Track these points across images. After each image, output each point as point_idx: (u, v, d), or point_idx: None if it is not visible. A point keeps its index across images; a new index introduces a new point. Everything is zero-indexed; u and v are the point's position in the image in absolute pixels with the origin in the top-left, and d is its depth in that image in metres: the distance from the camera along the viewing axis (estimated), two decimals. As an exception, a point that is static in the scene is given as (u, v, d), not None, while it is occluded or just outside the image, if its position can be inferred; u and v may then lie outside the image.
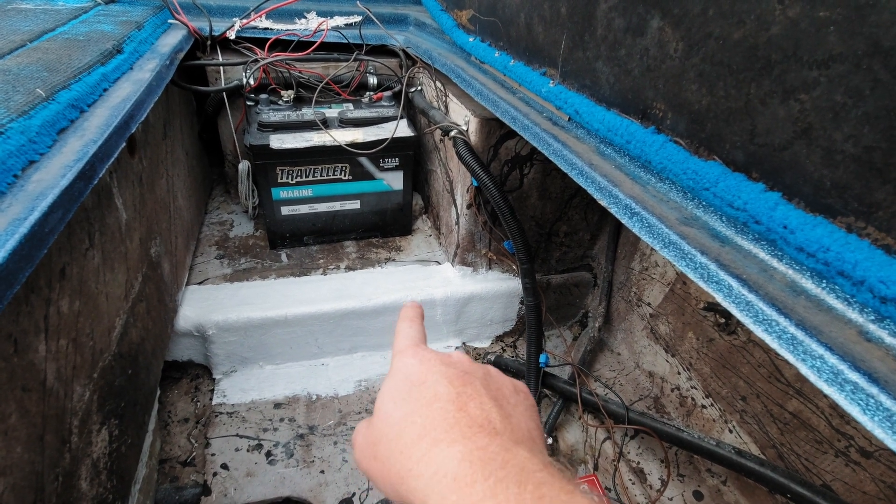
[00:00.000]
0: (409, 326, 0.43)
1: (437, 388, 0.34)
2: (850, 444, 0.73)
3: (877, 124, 0.33)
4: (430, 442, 0.31)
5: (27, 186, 0.46)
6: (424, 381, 0.35)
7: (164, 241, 0.95)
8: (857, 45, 0.34)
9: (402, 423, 0.33)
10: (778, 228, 0.40)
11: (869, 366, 0.31)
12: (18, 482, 0.46)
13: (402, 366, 0.38)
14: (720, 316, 0.94)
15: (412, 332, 0.42)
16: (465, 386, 0.34)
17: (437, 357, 0.38)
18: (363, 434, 0.37)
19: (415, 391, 0.35)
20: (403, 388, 0.35)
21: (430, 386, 0.35)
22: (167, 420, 1.00)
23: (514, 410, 0.34)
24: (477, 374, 0.36)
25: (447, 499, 0.28)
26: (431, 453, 0.30)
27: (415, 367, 0.37)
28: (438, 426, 0.32)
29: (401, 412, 0.34)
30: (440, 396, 0.34)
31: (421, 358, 0.38)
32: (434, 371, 0.36)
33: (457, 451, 0.29)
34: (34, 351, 0.49)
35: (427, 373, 0.36)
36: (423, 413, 0.33)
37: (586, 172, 0.57)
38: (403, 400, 0.35)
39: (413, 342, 0.41)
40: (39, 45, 0.75)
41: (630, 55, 0.57)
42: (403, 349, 0.40)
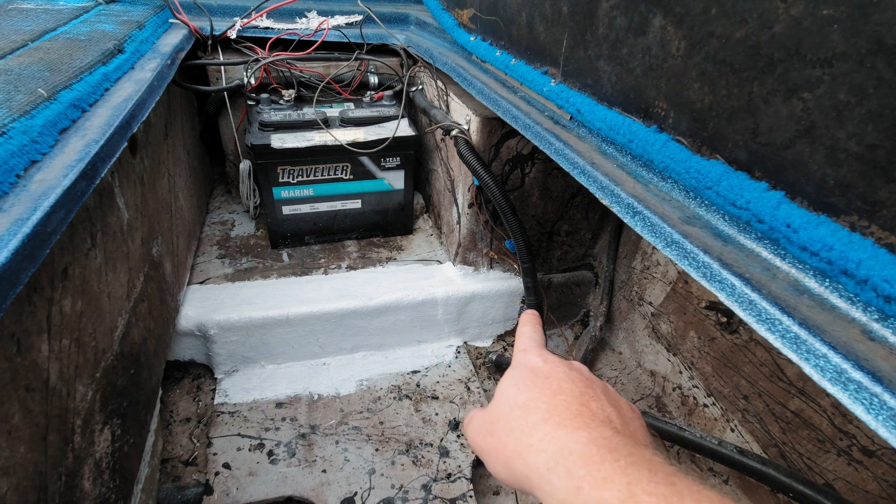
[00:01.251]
0: (532, 329, 0.46)
1: (561, 384, 0.36)
2: (853, 443, 0.73)
3: (880, 122, 0.33)
4: (553, 425, 0.33)
5: (30, 186, 0.46)
6: (549, 376, 0.38)
7: (166, 240, 0.95)
8: (860, 43, 0.34)
9: (525, 407, 0.35)
10: (781, 227, 0.40)
11: (873, 365, 0.30)
12: (22, 482, 0.46)
13: (526, 361, 0.41)
14: (722, 315, 0.94)
15: (535, 335, 0.45)
16: (587, 388, 0.36)
17: (562, 360, 0.40)
18: (479, 415, 0.39)
19: (539, 381, 0.37)
20: (528, 378, 0.38)
21: (555, 381, 0.37)
22: (169, 420, 1.00)
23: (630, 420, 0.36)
24: (597, 382, 0.38)
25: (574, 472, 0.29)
26: (556, 433, 0.32)
27: (540, 364, 0.39)
28: (563, 413, 0.34)
29: (524, 397, 0.36)
30: (564, 390, 0.36)
31: (545, 358, 0.40)
32: (559, 370, 0.38)
33: (582, 435, 0.31)
34: (37, 351, 0.49)
35: (552, 370, 0.38)
36: (547, 401, 0.35)
37: (588, 171, 0.57)
38: (527, 387, 0.37)
39: (536, 343, 0.44)
40: (41, 45, 0.75)
41: (632, 54, 0.57)
42: (528, 348, 0.43)
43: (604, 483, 0.27)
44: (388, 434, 1.00)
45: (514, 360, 0.42)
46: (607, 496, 0.27)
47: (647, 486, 0.26)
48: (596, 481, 0.28)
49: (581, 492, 0.28)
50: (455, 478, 0.93)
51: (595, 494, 0.27)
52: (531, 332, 0.46)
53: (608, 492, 0.27)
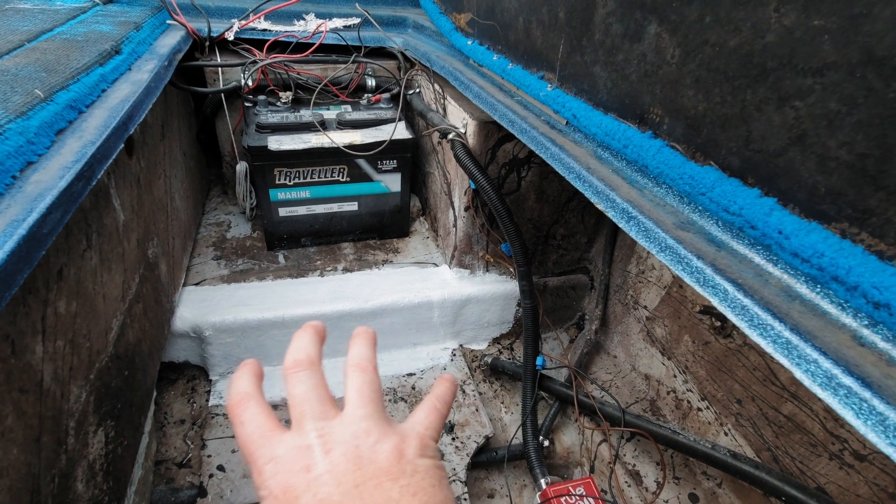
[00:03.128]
0: (250, 424, 0.36)
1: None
2: (844, 448, 0.74)
3: (870, 132, 0.34)
4: None
5: (25, 188, 0.46)
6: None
7: (162, 241, 0.94)
8: (851, 53, 0.34)
9: None
10: (773, 234, 0.41)
11: (862, 370, 0.31)
12: (15, 484, 0.45)
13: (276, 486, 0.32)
14: (716, 319, 0.95)
15: (257, 429, 0.35)
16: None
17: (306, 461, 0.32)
18: None
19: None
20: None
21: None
22: (163, 421, 1.00)
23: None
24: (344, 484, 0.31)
25: None
26: None
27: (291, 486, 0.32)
28: None
29: None
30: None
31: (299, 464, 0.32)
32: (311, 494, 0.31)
33: None
34: (31, 352, 0.49)
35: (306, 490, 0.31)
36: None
37: (583, 176, 0.57)
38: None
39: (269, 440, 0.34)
40: (37, 46, 0.75)
41: (628, 60, 0.57)
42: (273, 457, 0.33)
43: None
44: (383, 437, 1.00)
45: (278, 455, 0.33)
46: None
47: None
48: None
49: None
50: (450, 481, 0.93)
51: None
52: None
53: None
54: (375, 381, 0.38)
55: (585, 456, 1.04)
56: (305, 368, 0.38)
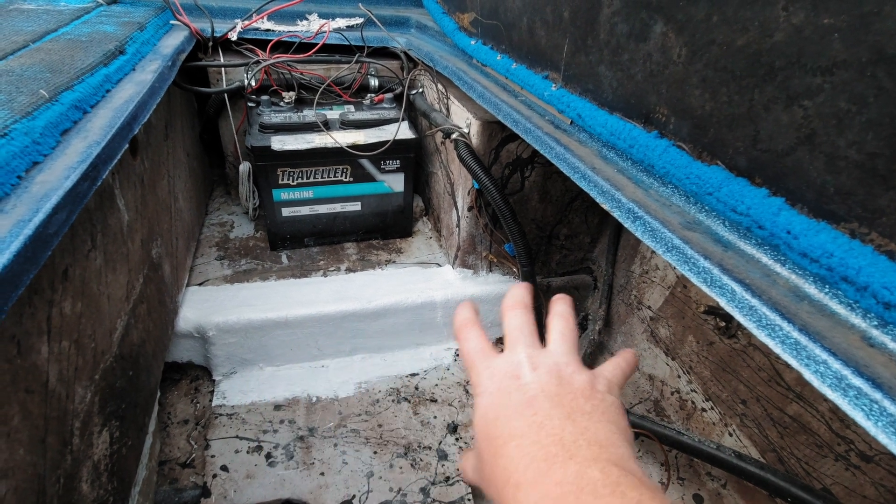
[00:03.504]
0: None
1: (548, 413, 0.34)
2: (851, 448, 0.73)
3: (880, 131, 0.34)
4: (536, 471, 0.32)
5: (31, 188, 0.46)
6: (533, 401, 0.36)
7: (165, 242, 0.94)
8: (861, 52, 0.34)
9: (507, 440, 0.34)
10: (781, 233, 0.41)
11: (872, 371, 0.31)
12: (20, 484, 0.45)
13: (510, 369, 0.39)
14: (720, 319, 0.95)
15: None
16: (573, 413, 0.35)
17: (552, 366, 0.38)
18: (471, 453, 0.39)
19: (521, 409, 0.35)
20: (509, 402, 0.37)
21: (540, 407, 0.35)
22: (167, 422, 1.00)
23: (618, 444, 0.33)
24: (587, 395, 0.36)
25: None
26: (542, 480, 0.31)
27: (526, 376, 0.38)
28: (549, 451, 0.32)
29: (504, 430, 0.35)
30: (546, 426, 0.34)
31: (535, 363, 0.39)
32: (546, 389, 0.36)
33: (570, 475, 0.30)
34: (37, 352, 0.49)
35: (538, 390, 0.36)
36: (531, 437, 0.33)
37: (589, 176, 0.57)
38: (507, 416, 0.36)
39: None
40: (42, 46, 0.75)
41: (633, 60, 0.57)
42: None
43: None
44: (386, 437, 1.00)
45: (494, 364, 0.40)
46: None
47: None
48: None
49: None
50: (454, 481, 0.93)
51: None
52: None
53: None
54: (575, 329, 0.45)
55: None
56: (521, 308, 0.45)
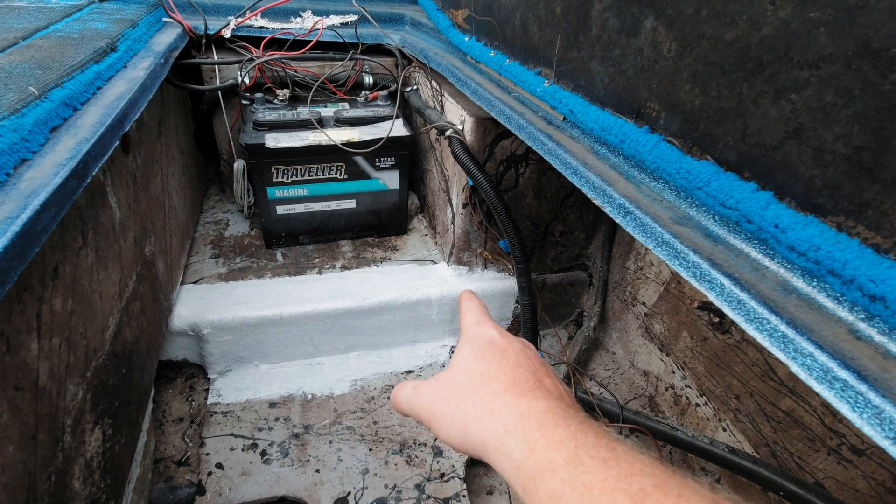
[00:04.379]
0: (479, 304, 0.50)
1: (518, 358, 0.40)
2: (842, 442, 0.74)
3: (866, 124, 0.34)
4: (514, 394, 0.36)
5: (19, 185, 0.46)
6: (506, 350, 0.41)
7: (159, 240, 0.94)
8: (847, 45, 0.34)
9: (486, 376, 0.39)
10: (769, 227, 0.41)
11: (858, 364, 0.31)
12: (10, 482, 0.45)
13: (482, 333, 0.44)
14: (714, 315, 0.95)
15: (482, 309, 0.49)
16: (541, 365, 0.41)
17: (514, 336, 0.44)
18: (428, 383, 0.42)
19: (498, 354, 0.41)
20: (487, 349, 0.42)
21: (513, 354, 0.41)
22: (162, 419, 0.99)
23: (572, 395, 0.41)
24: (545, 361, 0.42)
25: (530, 435, 0.33)
26: (517, 401, 0.36)
27: (497, 337, 0.43)
28: (522, 384, 0.37)
29: (484, 367, 0.40)
30: (522, 364, 0.39)
31: (501, 332, 0.44)
32: (515, 345, 0.42)
33: (541, 404, 0.35)
34: (27, 350, 0.49)
35: (509, 345, 0.42)
36: (507, 372, 0.39)
37: (581, 172, 0.57)
38: (486, 358, 0.41)
39: (487, 316, 0.48)
40: (32, 43, 0.75)
41: (624, 55, 0.57)
42: (481, 320, 0.46)
43: (555, 445, 0.31)
44: (381, 434, 1.00)
45: (468, 331, 0.45)
46: (556, 457, 0.30)
47: (590, 449, 0.30)
48: (548, 444, 0.31)
49: (534, 452, 0.31)
50: (448, 477, 0.94)
51: (546, 455, 0.31)
52: (479, 307, 0.49)
53: (557, 453, 0.30)
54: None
55: (584, 452, 1.04)
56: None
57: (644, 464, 0.29)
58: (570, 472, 0.29)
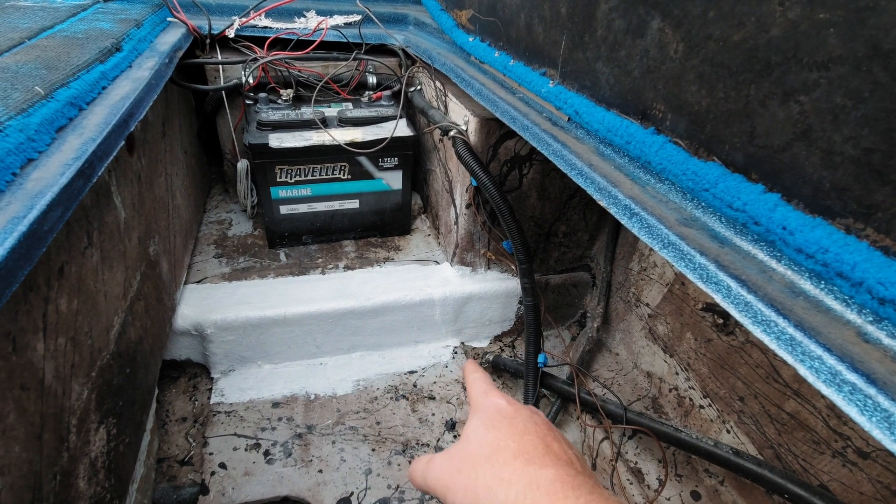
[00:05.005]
0: (483, 374, 0.51)
1: (526, 425, 0.41)
2: (848, 445, 0.73)
3: (876, 126, 0.33)
4: (523, 461, 0.36)
5: (26, 185, 0.46)
6: (514, 417, 0.42)
7: (163, 239, 0.94)
8: (857, 47, 0.34)
9: (495, 444, 0.39)
10: (777, 229, 0.41)
11: (867, 367, 0.31)
12: (16, 481, 0.45)
13: (490, 403, 0.45)
14: (718, 316, 0.95)
15: (488, 379, 0.50)
16: (549, 430, 0.41)
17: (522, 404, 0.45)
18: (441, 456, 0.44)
19: (506, 422, 0.41)
20: (495, 418, 0.42)
21: (521, 421, 0.41)
22: (165, 419, 1.00)
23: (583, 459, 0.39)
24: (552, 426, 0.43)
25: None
26: (526, 469, 0.36)
27: (504, 406, 0.44)
28: (531, 451, 0.37)
29: (493, 436, 0.40)
30: (530, 431, 0.40)
31: (509, 400, 0.45)
32: (523, 412, 0.43)
33: (550, 472, 0.35)
34: (33, 349, 0.49)
35: (516, 411, 0.43)
36: (516, 440, 0.39)
37: (586, 173, 0.57)
38: (495, 427, 0.41)
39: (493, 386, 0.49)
40: (38, 43, 0.75)
41: (630, 56, 0.57)
42: (488, 391, 0.47)
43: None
44: (384, 434, 1.00)
45: (476, 403, 0.46)
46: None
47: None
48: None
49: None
50: (451, 478, 0.93)
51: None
52: (485, 377, 0.50)
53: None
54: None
55: (587, 454, 1.04)
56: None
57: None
58: None
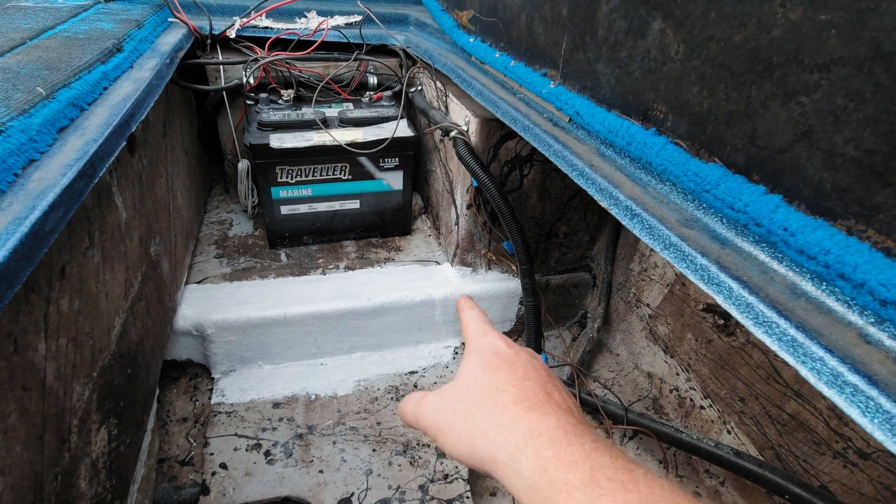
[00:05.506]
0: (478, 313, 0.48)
1: (527, 370, 0.39)
2: (848, 446, 0.73)
3: (878, 128, 0.33)
4: (524, 408, 0.35)
5: (28, 185, 0.46)
6: (514, 362, 0.40)
7: (164, 240, 0.94)
8: (858, 48, 0.34)
9: (494, 389, 0.37)
10: (778, 231, 0.41)
11: (869, 368, 0.31)
12: (18, 482, 0.45)
13: (488, 343, 0.43)
14: (719, 317, 0.95)
15: (484, 317, 0.48)
16: (549, 377, 0.40)
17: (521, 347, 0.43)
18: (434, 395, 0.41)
19: (506, 365, 0.40)
20: (494, 361, 0.40)
21: (521, 366, 0.39)
22: (166, 419, 1.00)
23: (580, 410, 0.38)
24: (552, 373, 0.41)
25: (542, 453, 0.31)
26: (527, 416, 0.34)
27: (504, 348, 0.42)
28: (531, 398, 0.36)
29: (491, 379, 0.38)
30: (531, 377, 0.38)
31: (507, 342, 0.43)
32: (523, 356, 0.41)
33: (552, 420, 0.34)
34: (34, 350, 0.49)
35: (516, 355, 0.41)
36: (516, 385, 0.37)
37: (587, 174, 0.57)
38: (494, 371, 0.39)
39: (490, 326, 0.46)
40: (39, 44, 0.75)
41: (631, 57, 0.57)
42: (486, 330, 0.45)
43: (569, 465, 0.30)
44: (385, 434, 1.00)
45: (473, 342, 0.44)
46: (571, 478, 0.29)
47: (607, 471, 0.29)
48: (562, 463, 0.30)
49: (546, 472, 0.30)
50: (452, 479, 0.93)
51: (560, 475, 0.29)
52: (481, 315, 0.48)
53: (572, 474, 0.29)
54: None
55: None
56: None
57: (664, 489, 0.28)
58: (587, 495, 0.28)
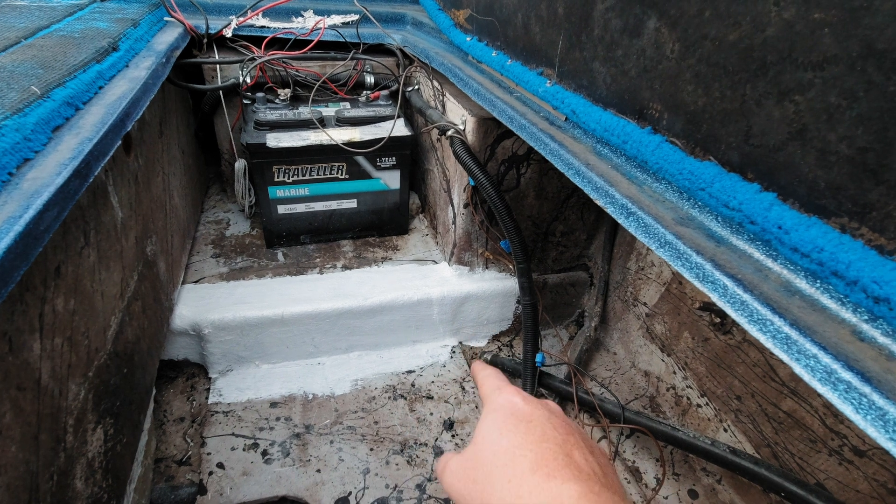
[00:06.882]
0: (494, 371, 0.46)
1: (545, 429, 0.36)
2: (844, 443, 0.74)
3: (870, 126, 0.34)
4: (544, 475, 0.33)
5: (22, 184, 0.46)
6: (532, 420, 0.37)
7: (160, 239, 0.94)
8: (851, 47, 0.34)
9: (510, 454, 0.35)
10: (773, 229, 0.41)
11: (862, 365, 0.31)
12: (13, 482, 0.45)
13: (506, 401, 0.40)
14: (715, 316, 0.95)
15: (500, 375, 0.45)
16: (568, 434, 0.36)
17: (539, 400, 0.41)
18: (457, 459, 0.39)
19: (522, 425, 0.37)
20: (511, 422, 0.38)
21: (538, 425, 0.37)
22: (163, 419, 1.00)
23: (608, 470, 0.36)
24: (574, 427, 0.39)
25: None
26: (547, 485, 0.32)
27: (520, 405, 0.39)
28: (551, 463, 0.33)
29: (507, 442, 0.36)
30: (549, 437, 0.36)
31: (524, 397, 0.40)
32: (540, 412, 0.38)
33: (573, 489, 0.31)
34: (29, 350, 0.49)
35: (533, 412, 0.38)
36: (533, 448, 0.35)
37: (583, 172, 0.57)
38: (511, 432, 0.37)
39: (506, 382, 0.44)
40: (34, 42, 0.75)
41: (627, 56, 0.57)
42: (502, 387, 0.42)
43: None
44: (382, 434, 1.00)
45: (490, 400, 0.42)
46: None
47: None
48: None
49: None
50: (449, 478, 0.93)
51: None
52: (496, 373, 0.46)
53: None
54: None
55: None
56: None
57: None
58: None
